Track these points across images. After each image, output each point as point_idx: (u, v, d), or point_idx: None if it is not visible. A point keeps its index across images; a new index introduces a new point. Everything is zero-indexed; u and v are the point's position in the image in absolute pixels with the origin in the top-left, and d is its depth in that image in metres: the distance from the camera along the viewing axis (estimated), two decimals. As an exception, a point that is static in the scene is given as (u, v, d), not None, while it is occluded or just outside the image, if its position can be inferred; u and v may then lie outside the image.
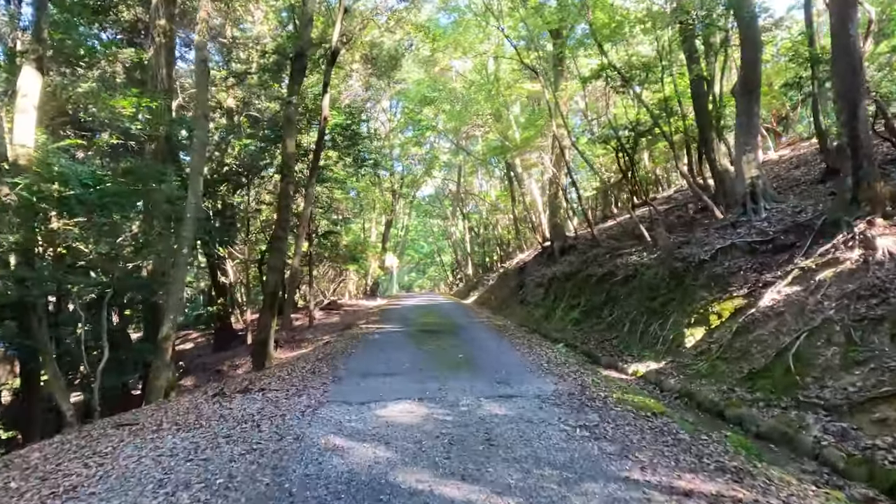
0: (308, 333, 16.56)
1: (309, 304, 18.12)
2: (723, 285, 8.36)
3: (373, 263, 31.87)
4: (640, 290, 10.58)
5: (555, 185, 19.01)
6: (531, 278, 19.47)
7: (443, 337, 11.27)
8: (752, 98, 9.59)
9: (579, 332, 12.13)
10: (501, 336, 11.58)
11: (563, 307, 14.30)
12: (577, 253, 18.50)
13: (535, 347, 9.75)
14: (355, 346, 10.47)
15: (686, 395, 7.07)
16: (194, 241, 11.36)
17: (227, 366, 16.59)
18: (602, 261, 13.85)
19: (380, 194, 24.54)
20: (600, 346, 10.54)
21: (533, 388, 6.45)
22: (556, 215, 19.24)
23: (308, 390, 6.74)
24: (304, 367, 8.44)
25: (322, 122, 14.62)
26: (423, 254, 52.79)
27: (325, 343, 13.21)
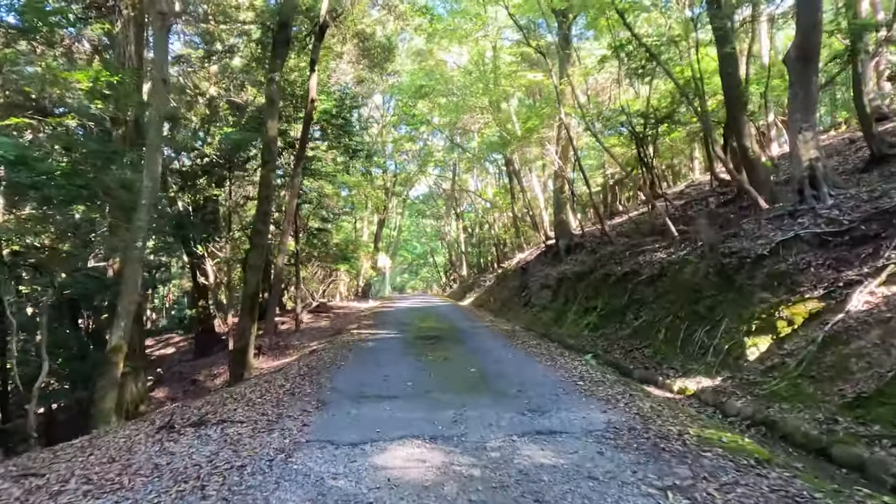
0: (294, 339, 14.84)
1: (296, 307, 16.40)
2: (790, 285, 6.81)
3: (365, 264, 30.16)
4: (676, 290, 9.01)
5: (560, 178, 17.47)
6: (535, 279, 17.89)
7: (447, 345, 9.63)
8: (810, 66, 8.07)
9: (599, 338, 10.55)
10: (513, 344, 9.97)
11: (577, 310, 12.72)
12: (584, 251, 16.97)
13: (557, 358, 8.13)
14: (346, 357, 8.80)
15: (763, 423, 5.49)
16: (149, 233, 9.63)
17: (205, 375, 14.83)
18: (620, 259, 12.29)
19: (372, 190, 22.84)
20: (629, 356, 8.97)
21: (578, 419, 4.83)
22: (561, 211, 17.69)
23: (283, 421, 5.07)
24: (283, 386, 6.74)
25: (309, 105, 12.95)
26: (416, 254, 51.08)
27: (311, 351, 11.51)
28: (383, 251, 34.73)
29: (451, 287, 44.10)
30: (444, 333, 11.60)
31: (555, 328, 13.01)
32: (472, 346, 9.58)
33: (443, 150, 32.60)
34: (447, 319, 15.29)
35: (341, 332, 14.39)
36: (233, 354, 11.96)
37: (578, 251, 17.28)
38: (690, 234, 11.17)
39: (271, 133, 11.31)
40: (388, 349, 9.52)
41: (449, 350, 9.06)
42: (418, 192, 41.79)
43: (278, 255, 13.78)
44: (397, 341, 10.61)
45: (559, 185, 17.58)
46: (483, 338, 10.91)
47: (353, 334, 12.68)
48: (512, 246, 29.97)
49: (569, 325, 12.47)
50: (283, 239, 13.65)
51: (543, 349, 9.23)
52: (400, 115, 28.18)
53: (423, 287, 55.54)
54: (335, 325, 16.44)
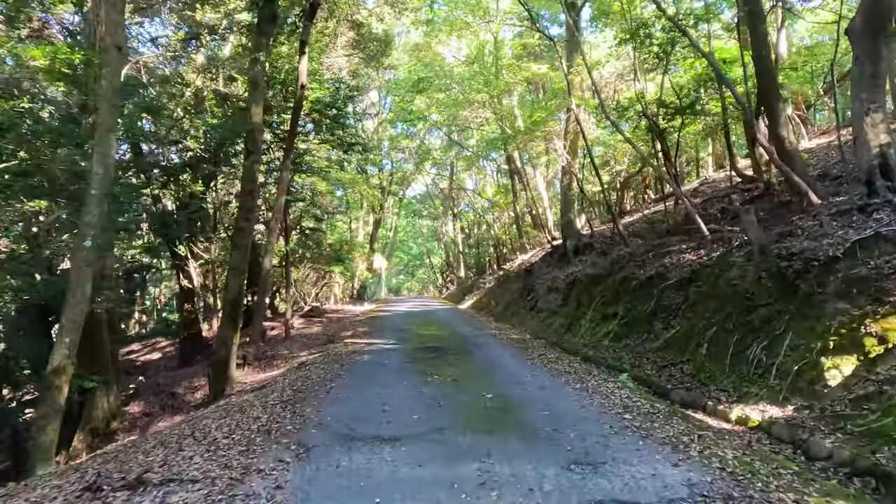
0: (283, 348, 13.47)
1: (286, 312, 15.03)
2: (875, 293, 5.54)
3: (360, 265, 28.81)
4: (718, 297, 7.74)
5: (568, 174, 16.20)
6: (541, 282, 16.61)
7: (454, 359, 8.32)
8: (879, 40, 6.83)
9: (623, 350, 9.27)
10: (528, 356, 8.67)
11: (593, 317, 11.44)
12: (594, 253, 15.72)
13: (586, 378, 6.84)
14: (337, 376, 7.45)
15: (871, 473, 4.22)
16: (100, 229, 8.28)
17: (185, 387, 13.42)
18: (642, 260, 11.03)
19: (367, 188, 21.47)
20: (663, 373, 7.68)
21: (647, 478, 3.53)
22: (569, 210, 16.42)
23: (249, 480, 3.72)
24: (258, 419, 5.38)
25: (299, 92, 11.61)
26: (412, 255, 49.74)
27: (300, 364, 10.17)
28: (379, 252, 33.39)
29: (447, 289, 42.79)
30: (449, 343, 10.28)
31: (568, 336, 11.73)
32: (483, 360, 8.27)
33: (440, 149, 31.32)
34: (449, 325, 13.98)
35: (334, 340, 13.04)
36: (213, 367, 10.59)
37: (587, 252, 16.03)
38: (723, 233, 9.94)
39: (256, 120, 9.97)
40: (386, 364, 8.18)
41: (457, 366, 7.75)
42: (415, 192, 40.55)
43: (265, 256, 12.42)
44: (396, 354, 9.28)
45: (567, 182, 16.31)
46: (493, 349, 9.60)
47: (346, 344, 11.34)
48: (513, 247, 28.72)
49: (584, 334, 11.18)
50: (270, 238, 12.29)
51: (565, 364, 7.93)
52: (397, 111, 26.84)
53: (419, 289, 54.21)
54: (328, 332, 15.08)
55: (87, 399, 11.92)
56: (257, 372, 11.73)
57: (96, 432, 11.98)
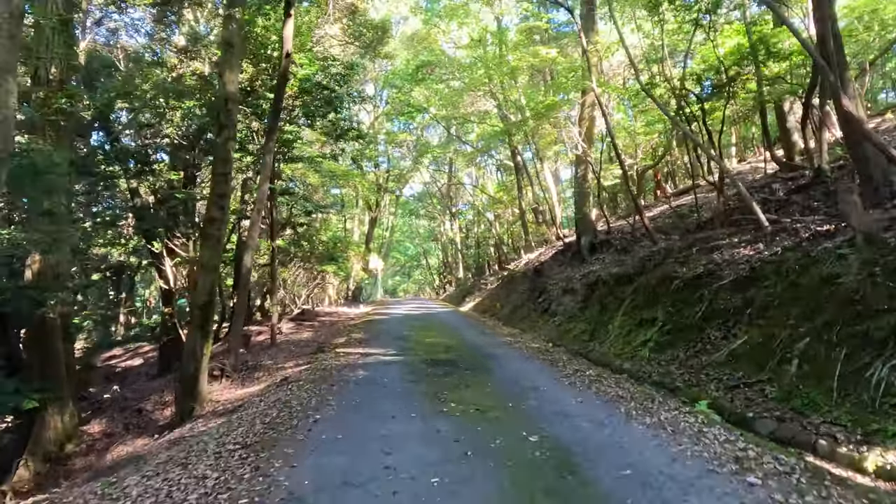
0: (267, 357, 11.68)
1: (272, 316, 13.23)
2: None
3: (355, 265, 27.04)
4: (804, 300, 6.05)
5: (583, 165, 14.51)
6: (553, 282, 14.91)
7: (470, 377, 6.59)
8: None
9: (670, 364, 7.56)
10: (560, 372, 6.95)
11: (623, 323, 9.73)
12: (613, 250, 14.05)
13: (651, 407, 5.11)
14: (324, 402, 5.68)
15: None
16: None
17: (154, 402, 11.56)
18: (683, 257, 9.34)
19: (362, 181, 19.66)
20: (734, 395, 5.97)
21: None
22: (584, 204, 14.74)
23: None
24: (204, 482, 3.62)
25: (284, 62, 9.86)
26: (409, 256, 47.95)
27: (281, 381, 8.38)
28: (375, 252, 31.62)
29: (444, 290, 41.04)
30: (460, 355, 8.54)
31: (594, 345, 10.02)
32: (507, 378, 6.54)
33: (439, 145, 29.61)
34: (455, 331, 12.25)
35: (325, 348, 11.26)
36: (180, 383, 8.79)
37: (605, 250, 14.36)
38: (783, 223, 8.29)
39: (230, 89, 8.20)
40: (386, 385, 6.42)
41: (476, 387, 6.01)
42: (412, 191, 38.82)
43: (246, 253, 10.63)
44: (397, 369, 7.51)
45: (582, 173, 14.63)
46: (514, 361, 7.87)
47: (338, 354, 9.58)
48: (515, 246, 27.05)
49: (615, 342, 9.47)
50: (251, 232, 10.50)
51: (612, 385, 6.20)
52: (395, 105, 25.10)
53: (415, 290, 52.43)
54: (319, 338, 13.30)
55: (36, 419, 10.13)
56: (235, 387, 9.94)
57: (48, 457, 10.16)
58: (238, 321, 10.89)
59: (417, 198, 37.52)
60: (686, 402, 5.52)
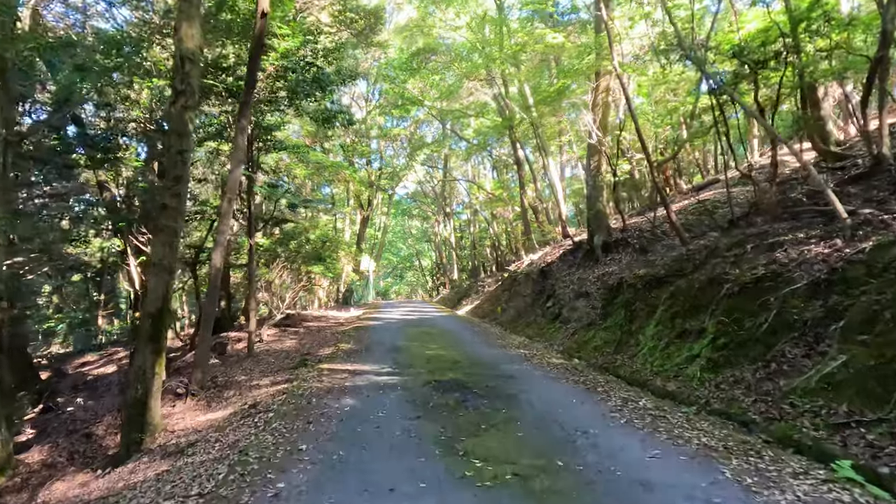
0: (241, 371, 9.95)
1: (250, 322, 11.48)
2: None
3: (346, 266, 25.28)
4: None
5: (597, 156, 12.94)
6: (563, 285, 13.31)
7: (490, 411, 4.94)
8: None
9: (736, 387, 5.94)
10: (606, 403, 5.33)
11: (659, 334, 8.12)
12: (631, 249, 12.50)
13: (768, 469, 3.49)
14: (293, 455, 4.00)
15: None
16: None
17: (107, 424, 9.74)
18: (733, 256, 7.77)
19: (353, 175, 17.86)
20: (843, 436, 4.40)
21: None
22: (597, 199, 13.16)
23: None
24: None
25: (259, 23, 8.16)
26: (402, 257, 46.19)
27: (249, 408, 6.67)
28: (367, 253, 29.86)
29: (438, 292, 39.35)
30: (470, 374, 6.88)
31: (622, 359, 8.42)
32: (541, 415, 4.89)
33: (434, 143, 27.96)
34: (458, 340, 10.59)
35: (308, 361, 9.55)
36: (125, 410, 7.04)
37: (621, 249, 12.80)
38: (865, 216, 6.74)
39: (187, 45, 6.49)
40: (381, 428, 4.73)
41: (504, 430, 4.37)
42: (406, 190, 37.10)
43: (215, 250, 8.90)
44: (395, 398, 5.83)
45: (595, 165, 13.05)
46: (540, 385, 6.23)
47: (321, 372, 7.87)
48: (513, 247, 25.47)
49: (649, 357, 7.86)
50: (221, 225, 8.76)
51: (683, 423, 4.57)
52: (388, 98, 23.42)
53: (407, 292, 50.68)
54: (303, 348, 11.56)
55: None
56: (200, 409, 8.20)
57: (-30, 493, 8.35)
58: (206, 330, 9.14)
59: (411, 196, 35.82)
60: (800, 454, 3.89)
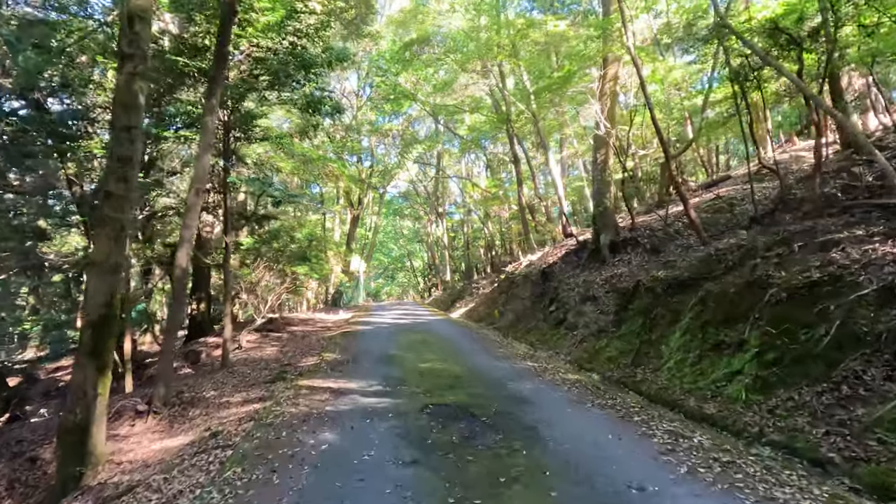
0: (212, 384, 8.71)
1: (225, 329, 10.23)
2: None
3: (336, 267, 24.03)
4: None
5: (604, 149, 11.89)
6: (567, 287, 12.23)
7: (506, 453, 3.82)
8: None
9: (797, 414, 4.86)
10: (650, 437, 4.22)
11: (687, 345, 7.03)
12: (641, 250, 11.45)
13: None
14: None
15: None
16: None
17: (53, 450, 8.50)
18: (778, 255, 6.71)
19: (342, 169, 16.63)
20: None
21: None
22: (604, 196, 12.10)
23: None
24: None
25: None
26: (393, 258, 44.93)
27: (205, 442, 5.47)
28: (357, 253, 28.61)
29: (429, 294, 38.17)
30: (475, 395, 5.74)
31: (645, 373, 7.32)
32: (575, 460, 3.77)
33: (427, 139, 26.80)
34: (457, 350, 9.44)
35: (287, 374, 8.35)
36: (60, 438, 5.80)
37: (630, 249, 11.74)
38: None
39: (137, 2, 5.29)
40: (366, 480, 3.57)
41: (530, 484, 3.23)
42: (397, 189, 35.88)
43: (181, 247, 7.67)
44: (385, 430, 4.67)
45: (602, 159, 11.99)
46: (561, 412, 5.09)
47: (299, 391, 6.68)
48: (507, 248, 24.39)
49: (677, 371, 6.78)
50: (187, 218, 7.53)
51: (765, 476, 3.46)
52: (380, 91, 22.22)
53: (398, 293, 49.41)
54: (283, 357, 10.35)
55: None
56: (158, 432, 6.97)
57: None
58: (169, 339, 7.90)
59: (403, 195, 34.60)
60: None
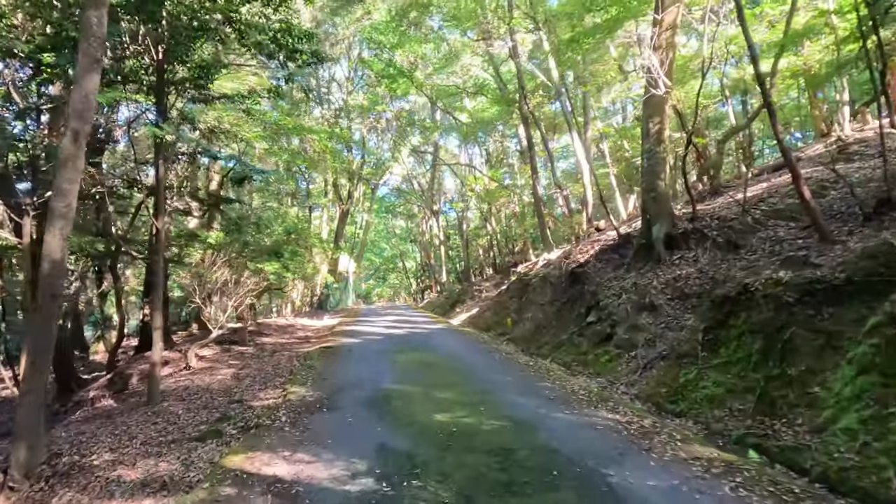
0: (113, 439, 5.63)
1: (154, 348, 7.12)
2: None
3: (322, 267, 20.94)
4: None
5: (658, 117, 9.02)
6: (611, 292, 9.28)
7: None
8: None
9: None
10: None
11: (873, 389, 4.14)
12: (710, 244, 8.58)
13: None
14: None
15: None
16: None
17: None
18: None
19: (325, 142, 13.38)
20: None
21: None
22: (657, 175, 9.22)
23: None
24: None
25: None
26: (385, 258, 41.78)
27: None
28: (346, 251, 25.49)
29: (422, 296, 35.11)
30: (547, 489, 2.78)
31: (796, 434, 4.39)
32: None
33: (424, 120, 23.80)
34: (484, 383, 6.42)
35: (228, 421, 5.32)
36: None
37: (694, 244, 8.84)
38: None
39: None
40: None
41: None
42: (389, 186, 32.79)
43: (51, 230, 4.62)
44: None
45: (655, 129, 9.12)
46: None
47: (222, 483, 3.63)
48: (511, 246, 21.44)
49: (865, 434, 3.86)
50: (60, 181, 4.47)
51: None
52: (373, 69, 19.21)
53: (389, 295, 46.23)
54: (239, 385, 7.27)
55: None
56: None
57: None
58: (35, 377, 4.84)
59: (396, 189, 31.53)
60: None
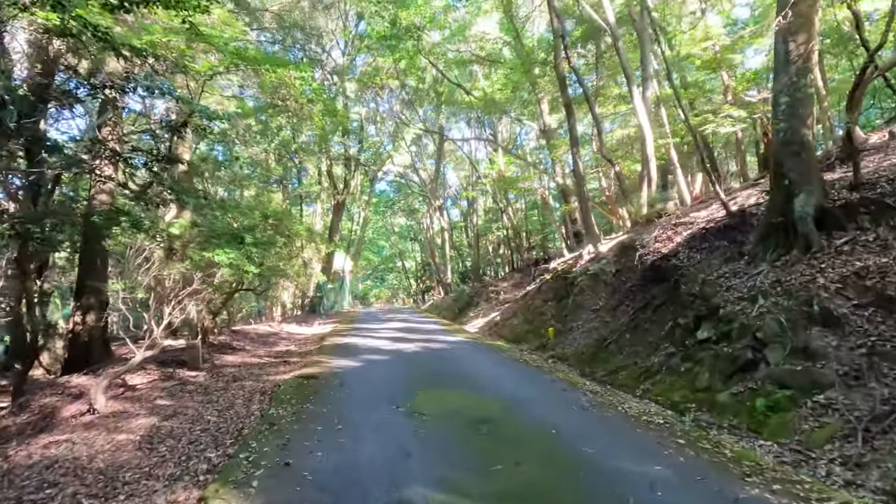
0: None
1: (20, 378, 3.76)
2: None
3: (314, 264, 17.65)
4: None
5: (802, 34, 5.82)
6: (738, 293, 5.98)
7: None
8: None
9: None
10: None
11: None
12: (885, 225, 5.36)
13: None
14: None
15: None
16: None
17: None
18: None
19: (305, 76, 10.01)
20: None
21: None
22: (802, 121, 6.01)
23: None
24: None
25: None
26: (384, 257, 38.38)
27: None
28: (341, 248, 22.16)
29: (423, 298, 31.84)
30: None
31: None
32: None
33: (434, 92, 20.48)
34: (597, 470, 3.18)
35: None
36: None
37: (869, 222, 5.63)
38: None
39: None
40: None
41: None
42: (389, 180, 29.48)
43: None
44: None
45: (798, 52, 5.92)
46: None
47: None
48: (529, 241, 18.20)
49: None
50: None
51: None
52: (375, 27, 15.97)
53: (387, 296, 42.89)
54: (139, 461, 3.98)
55: None
56: None
57: None
58: None
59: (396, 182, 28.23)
60: None
